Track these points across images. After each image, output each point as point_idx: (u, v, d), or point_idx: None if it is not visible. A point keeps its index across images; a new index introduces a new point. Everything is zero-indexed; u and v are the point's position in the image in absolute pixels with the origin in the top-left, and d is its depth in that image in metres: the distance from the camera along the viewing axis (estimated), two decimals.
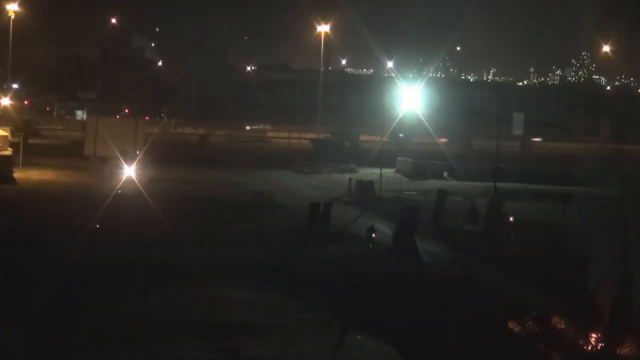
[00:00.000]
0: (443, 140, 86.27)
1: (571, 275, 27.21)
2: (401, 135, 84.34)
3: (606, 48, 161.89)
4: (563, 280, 28.48)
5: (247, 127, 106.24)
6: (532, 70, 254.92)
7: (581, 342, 23.53)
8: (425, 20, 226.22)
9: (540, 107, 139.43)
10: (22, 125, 74.21)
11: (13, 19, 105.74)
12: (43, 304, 24.34)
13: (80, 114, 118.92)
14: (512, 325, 25.02)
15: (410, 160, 69.48)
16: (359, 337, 23.71)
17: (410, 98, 69.77)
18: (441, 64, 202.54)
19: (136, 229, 38.28)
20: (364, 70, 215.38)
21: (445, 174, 67.71)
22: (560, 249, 33.89)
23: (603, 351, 23.21)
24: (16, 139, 63.10)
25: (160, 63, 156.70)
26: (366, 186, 54.23)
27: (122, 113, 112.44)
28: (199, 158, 72.24)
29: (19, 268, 29.15)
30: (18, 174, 54.63)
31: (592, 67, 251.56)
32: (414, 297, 28.43)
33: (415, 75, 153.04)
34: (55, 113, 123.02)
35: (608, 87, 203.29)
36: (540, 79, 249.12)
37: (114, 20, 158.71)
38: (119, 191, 47.24)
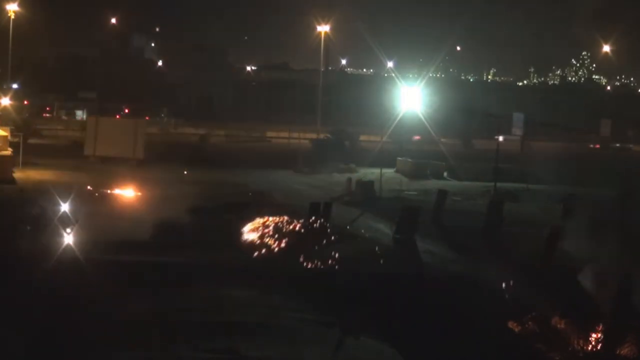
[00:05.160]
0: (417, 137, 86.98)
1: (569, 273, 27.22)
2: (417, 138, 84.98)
3: (606, 48, 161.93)
4: (562, 280, 28.49)
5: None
6: (532, 70, 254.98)
7: (581, 342, 23.52)
8: (425, 20, 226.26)
9: (540, 107, 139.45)
10: (22, 125, 74.27)
11: (13, 19, 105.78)
12: (43, 304, 24.34)
13: (80, 114, 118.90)
14: (512, 325, 25.02)
15: (410, 160, 69.48)
16: (359, 337, 23.71)
17: (411, 98, 69.74)
18: (441, 64, 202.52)
19: (135, 229, 38.29)
20: (364, 70, 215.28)
21: (445, 174, 67.74)
22: (559, 248, 33.89)
23: (603, 351, 23.20)
24: (16, 139, 63.13)
25: (160, 63, 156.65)
26: (366, 186, 54.22)
27: (122, 113, 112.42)
28: (198, 158, 72.19)
29: (19, 268, 29.14)
30: (18, 174, 54.63)
31: (592, 67, 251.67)
32: (414, 296, 28.44)
33: (416, 75, 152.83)
34: (54, 113, 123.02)
35: (608, 87, 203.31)
36: (540, 79, 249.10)
37: (114, 20, 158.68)
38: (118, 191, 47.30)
